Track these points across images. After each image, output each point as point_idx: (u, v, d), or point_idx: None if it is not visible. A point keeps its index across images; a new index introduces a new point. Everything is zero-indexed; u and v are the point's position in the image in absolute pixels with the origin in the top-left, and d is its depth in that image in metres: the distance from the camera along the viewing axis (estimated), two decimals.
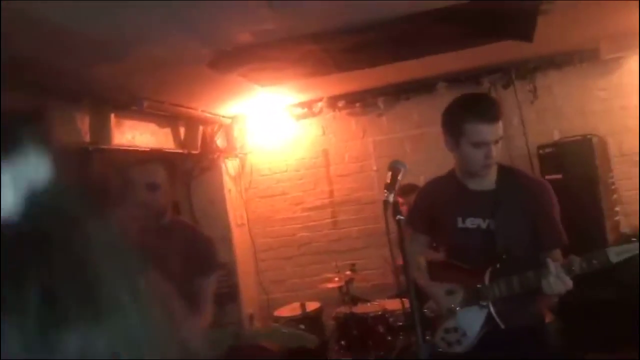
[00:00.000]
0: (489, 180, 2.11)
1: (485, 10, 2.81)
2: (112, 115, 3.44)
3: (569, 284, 1.83)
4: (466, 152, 2.04)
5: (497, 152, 2.02)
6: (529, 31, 3.15)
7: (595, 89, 4.56)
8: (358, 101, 4.88)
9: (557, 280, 1.81)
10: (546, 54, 4.45)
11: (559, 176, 4.10)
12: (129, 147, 3.69)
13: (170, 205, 2.32)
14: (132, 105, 3.46)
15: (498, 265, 2.01)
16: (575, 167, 4.06)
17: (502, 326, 1.98)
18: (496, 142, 2.00)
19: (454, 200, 2.15)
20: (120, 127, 3.61)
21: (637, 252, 1.72)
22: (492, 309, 1.99)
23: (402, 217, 1.59)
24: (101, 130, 3.39)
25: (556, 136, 4.50)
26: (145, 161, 2.25)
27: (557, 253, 2.07)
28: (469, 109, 2.02)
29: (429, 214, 2.23)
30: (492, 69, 4.61)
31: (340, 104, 4.89)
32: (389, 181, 1.68)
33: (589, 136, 4.18)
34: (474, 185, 2.12)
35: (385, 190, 1.64)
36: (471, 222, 2.10)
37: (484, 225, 2.08)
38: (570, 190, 3.97)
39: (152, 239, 2.21)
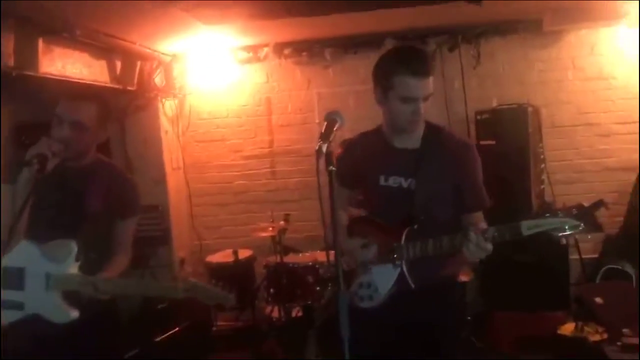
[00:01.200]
0: (414, 138, 2.08)
1: None
2: (40, 40, 3.19)
3: (489, 248, 1.82)
4: (394, 107, 1.99)
5: (425, 110, 1.98)
6: None
7: (534, 60, 4.68)
8: (305, 50, 4.78)
9: (477, 247, 1.81)
10: (492, 21, 4.50)
11: (493, 142, 4.23)
12: (58, 76, 3.46)
13: (95, 145, 2.20)
14: (63, 31, 3.22)
15: (415, 226, 2.00)
16: (509, 135, 4.20)
17: (412, 286, 1.98)
18: (425, 98, 1.96)
19: (377, 157, 2.10)
20: (49, 54, 3.36)
21: (548, 227, 1.72)
22: (404, 268, 1.99)
23: (334, 168, 1.56)
24: (27, 55, 3.15)
25: (494, 103, 4.61)
26: (76, 97, 2.10)
27: (479, 215, 2.08)
28: (400, 62, 1.96)
29: (353, 168, 2.17)
30: (439, 31, 4.62)
31: (287, 51, 4.78)
32: (323, 131, 1.63)
33: (524, 105, 4.31)
34: (399, 142, 2.08)
35: (320, 140, 1.59)
36: (393, 181, 2.07)
37: (405, 184, 2.05)
38: (502, 156, 4.13)
39: (71, 177, 2.11)
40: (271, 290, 3.94)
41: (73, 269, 2.01)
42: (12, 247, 1.99)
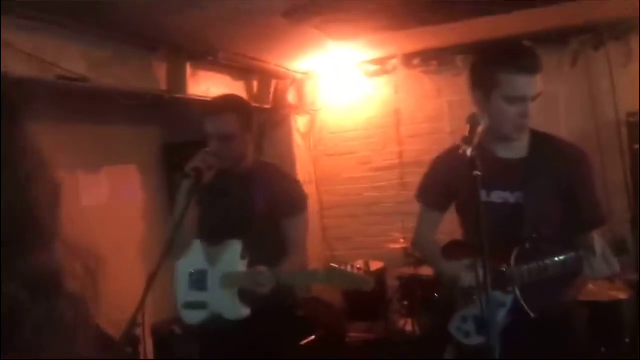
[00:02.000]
0: (520, 147, 1.83)
1: None
2: (188, 65, 3.49)
3: (616, 267, 1.62)
4: (498, 109, 1.75)
5: (532, 111, 1.75)
6: None
7: None
8: (434, 59, 4.69)
9: (603, 262, 1.60)
10: None
11: None
12: (203, 97, 3.75)
13: (253, 148, 2.32)
14: (208, 55, 3.50)
15: (527, 246, 1.74)
16: None
17: (532, 315, 1.71)
18: (534, 98, 1.73)
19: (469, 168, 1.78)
20: (195, 77, 3.67)
21: None
22: (518, 294, 1.71)
23: (479, 173, 1.47)
24: (177, 79, 3.46)
25: None
26: (218, 112, 2.24)
27: (595, 234, 1.78)
28: (506, 58, 1.76)
29: (446, 186, 1.97)
30: (582, 29, 4.28)
31: (416, 61, 4.73)
32: (467, 134, 1.55)
33: None
34: (502, 152, 1.82)
35: (463, 143, 1.51)
36: (497, 196, 1.81)
37: (512, 199, 1.80)
38: None
39: (234, 183, 2.25)
40: (405, 302, 3.88)
41: (242, 267, 2.14)
42: (178, 254, 2.18)
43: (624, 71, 4.31)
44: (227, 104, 2.28)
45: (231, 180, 2.24)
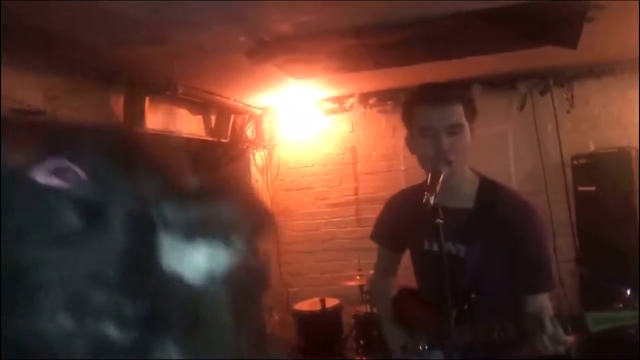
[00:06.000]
0: (465, 196, 1.73)
1: (531, 13, 2.74)
2: (147, 99, 3.46)
3: (567, 345, 1.49)
4: (417, 144, 1.72)
5: (456, 146, 1.64)
6: (574, 38, 3.07)
7: (634, 101, 4.43)
8: (390, 99, 4.82)
9: (551, 342, 1.48)
10: (586, 62, 4.34)
11: (593, 188, 4.02)
12: (161, 132, 3.71)
13: None
14: (167, 89, 3.48)
15: (465, 306, 1.63)
16: (611, 180, 3.97)
17: None
18: (449, 129, 1.63)
19: (422, 217, 1.62)
20: (153, 110, 3.63)
21: (621, 323, 1.41)
22: (458, 356, 1.60)
23: (441, 221, 1.48)
24: (135, 113, 3.41)
25: (591, 147, 4.40)
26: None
27: (542, 298, 1.68)
28: (418, 92, 1.77)
29: (396, 230, 1.92)
30: (529, 74, 4.52)
31: (372, 100, 4.85)
32: (429, 182, 1.55)
33: (627, 149, 4.07)
34: (446, 200, 1.62)
35: (426, 192, 1.50)
36: (439, 246, 1.68)
37: (454, 250, 1.71)
38: (603, 203, 3.90)
39: None
40: (361, 341, 3.87)
41: None
42: None
43: (567, 116, 4.55)
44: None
45: None
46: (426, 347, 1.70)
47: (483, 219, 1.69)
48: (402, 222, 1.89)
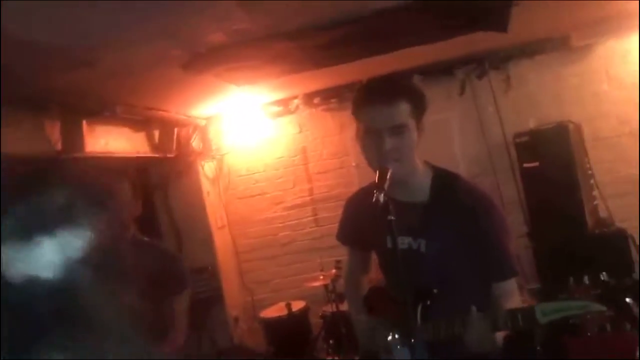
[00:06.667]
0: (419, 189, 1.73)
1: (460, 2, 2.80)
2: (84, 122, 3.34)
3: (496, 342, 1.52)
4: (363, 144, 1.70)
5: (400, 145, 1.62)
6: (504, 22, 3.16)
7: (567, 76, 4.61)
8: (334, 97, 4.84)
9: (480, 336, 1.49)
10: (518, 43, 4.47)
11: (536, 164, 4.14)
12: (102, 153, 3.60)
13: (133, 222, 2.26)
14: (104, 111, 3.36)
15: (428, 302, 1.61)
16: (552, 154, 4.10)
17: None
18: (392, 129, 1.61)
19: (378, 215, 1.57)
20: (92, 133, 3.51)
21: (568, 312, 1.42)
22: (423, 351, 1.55)
23: (393, 218, 1.48)
24: (73, 138, 3.29)
25: (532, 124, 4.53)
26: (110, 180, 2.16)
27: (510, 285, 1.70)
28: (362, 91, 1.73)
29: (357, 229, 1.91)
30: (466, 60, 4.62)
31: (316, 100, 4.85)
32: (377, 180, 1.54)
33: (564, 123, 4.23)
34: (402, 195, 1.67)
35: (375, 191, 1.49)
36: (401, 241, 1.69)
37: (414, 245, 1.72)
38: (548, 177, 4.03)
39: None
40: (330, 341, 3.87)
41: None
42: None
43: (506, 96, 4.69)
44: (118, 170, 2.23)
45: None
46: (396, 337, 1.68)
47: (440, 211, 1.69)
48: (362, 221, 1.87)
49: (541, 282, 4.05)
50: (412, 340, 1.60)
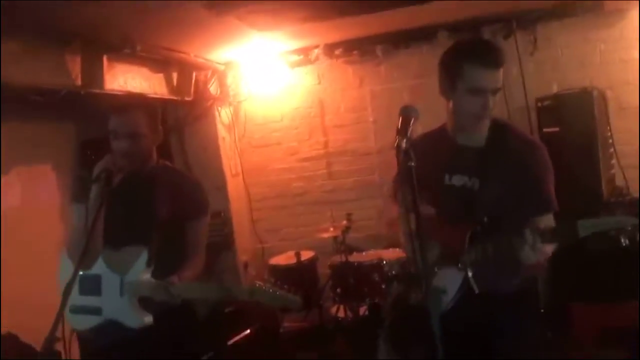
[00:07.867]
0: (479, 136, 2.00)
1: None
2: (105, 58, 3.32)
3: (546, 251, 1.73)
4: (461, 100, 1.92)
5: (494, 104, 1.90)
6: None
7: (596, 41, 4.48)
8: (356, 49, 4.75)
9: (532, 250, 1.70)
10: (549, 4, 4.34)
11: (557, 129, 4.08)
12: (121, 91, 3.59)
13: (156, 150, 2.27)
14: (124, 47, 3.34)
15: (478, 229, 1.89)
16: (574, 120, 4.03)
17: (476, 291, 1.86)
18: (494, 91, 1.89)
19: (442, 156, 2.03)
20: (112, 70, 3.50)
21: (605, 227, 1.64)
22: (469, 272, 1.87)
23: (413, 164, 1.53)
24: (93, 73, 3.29)
25: (555, 89, 4.45)
26: (124, 110, 2.15)
27: (547, 219, 1.92)
28: (471, 52, 1.91)
29: (418, 171, 2.13)
30: (493, 19, 4.49)
31: (337, 51, 4.77)
32: (399, 126, 1.60)
33: (588, 89, 4.13)
34: (462, 139, 2.01)
35: (397, 136, 1.56)
36: (457, 180, 2.00)
37: (469, 183, 1.98)
38: (567, 143, 3.97)
39: (137, 185, 2.19)
40: (338, 290, 3.95)
41: (145, 274, 2.07)
42: (89, 261, 2.08)
43: (531, 59, 4.58)
44: (133, 101, 2.23)
45: (134, 182, 2.19)
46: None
47: (492, 156, 1.94)
48: (421, 162, 1.93)
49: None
50: (459, 260, 1.87)
